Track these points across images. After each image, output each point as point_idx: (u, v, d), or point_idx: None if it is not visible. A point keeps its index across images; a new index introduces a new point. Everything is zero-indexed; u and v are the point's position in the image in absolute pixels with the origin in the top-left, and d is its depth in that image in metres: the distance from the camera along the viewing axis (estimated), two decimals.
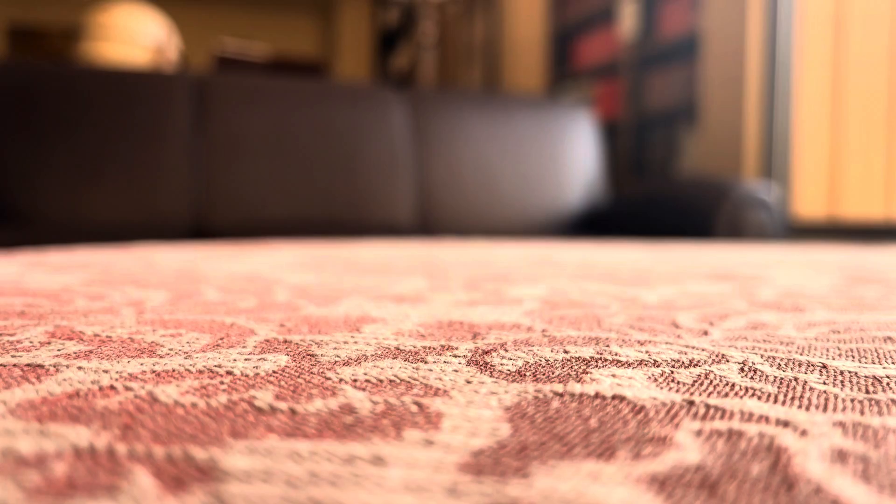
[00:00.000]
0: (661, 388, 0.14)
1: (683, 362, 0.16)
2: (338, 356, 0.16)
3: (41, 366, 0.15)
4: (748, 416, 0.12)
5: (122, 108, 1.15)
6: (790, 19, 1.92)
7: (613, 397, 0.13)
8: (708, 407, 0.12)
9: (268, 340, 0.18)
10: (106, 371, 0.14)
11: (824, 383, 0.14)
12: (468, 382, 0.14)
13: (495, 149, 1.50)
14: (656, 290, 0.29)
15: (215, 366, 0.15)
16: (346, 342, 0.18)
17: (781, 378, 0.15)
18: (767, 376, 0.15)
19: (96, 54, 1.30)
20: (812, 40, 1.94)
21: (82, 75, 1.15)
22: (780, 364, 0.16)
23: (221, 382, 0.13)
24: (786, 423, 0.11)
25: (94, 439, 0.10)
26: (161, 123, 1.14)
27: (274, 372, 0.15)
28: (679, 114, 2.21)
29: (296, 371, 0.15)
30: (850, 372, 0.15)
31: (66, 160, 1.13)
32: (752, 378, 0.15)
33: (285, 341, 0.18)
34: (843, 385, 0.14)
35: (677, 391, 0.13)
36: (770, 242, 1.17)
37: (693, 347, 0.18)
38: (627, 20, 2.29)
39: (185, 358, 0.16)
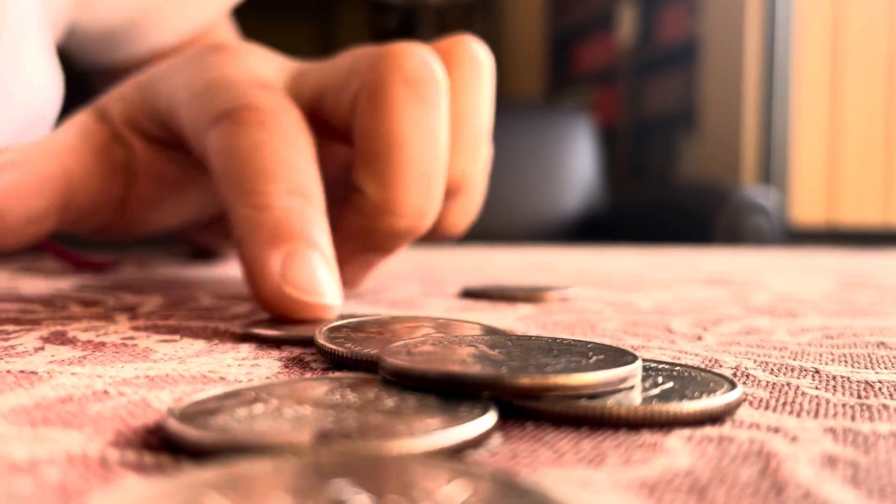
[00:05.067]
0: None
1: None
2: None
3: (35, 372, 0.15)
4: (739, 422, 0.12)
5: None
6: (789, 25, 1.92)
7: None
8: None
9: (262, 346, 0.18)
10: (99, 376, 0.14)
11: (816, 388, 0.14)
12: None
13: (493, 153, 1.50)
14: (650, 296, 0.29)
15: (209, 371, 0.15)
16: None
17: (774, 383, 0.15)
18: (760, 381, 0.15)
19: None
20: (810, 46, 1.95)
21: (82, 80, 1.15)
22: (772, 369, 0.16)
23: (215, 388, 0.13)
24: (776, 429, 0.12)
25: (87, 445, 0.10)
26: None
27: (267, 377, 0.15)
28: (678, 119, 2.21)
29: (289, 377, 0.15)
30: (842, 377, 0.15)
31: None
32: (744, 383, 0.15)
33: (280, 347, 0.18)
34: (834, 390, 0.14)
35: None
36: (768, 248, 1.17)
37: (686, 353, 0.18)
38: (626, 25, 2.29)
39: (179, 363, 0.16)
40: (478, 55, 0.23)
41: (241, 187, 0.18)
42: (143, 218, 0.25)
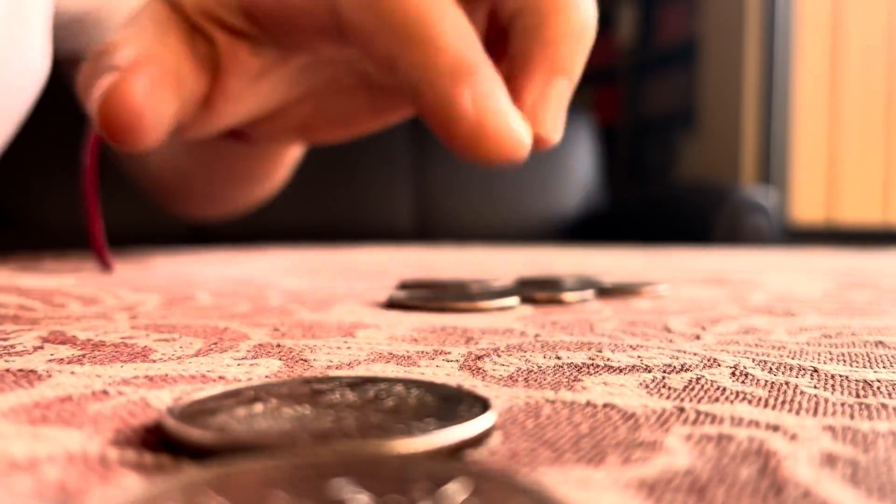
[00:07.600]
0: (652, 393, 0.14)
1: (675, 367, 0.16)
2: (331, 361, 0.16)
3: (34, 371, 0.15)
4: (738, 421, 0.12)
5: None
6: (788, 25, 1.92)
7: (605, 405, 0.13)
8: (698, 412, 0.12)
9: (261, 345, 0.18)
10: (99, 376, 0.14)
11: (815, 387, 0.14)
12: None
13: None
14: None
15: (208, 370, 0.15)
16: (339, 347, 0.18)
17: (772, 382, 0.15)
18: (758, 380, 0.15)
19: None
20: (810, 46, 1.95)
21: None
22: (771, 368, 0.16)
23: (214, 387, 0.13)
24: (776, 428, 0.12)
25: (87, 444, 0.10)
26: None
27: (266, 377, 0.15)
28: (677, 119, 2.21)
29: (289, 376, 0.15)
30: (840, 376, 0.15)
31: (64, 165, 1.13)
32: (742, 382, 0.15)
33: (278, 346, 0.18)
34: (833, 389, 0.14)
35: (668, 397, 0.13)
36: (768, 247, 1.17)
37: (685, 352, 0.18)
38: (626, 25, 2.29)
39: (178, 363, 0.16)
40: None
41: (408, 35, 0.18)
42: (223, 113, 0.25)
